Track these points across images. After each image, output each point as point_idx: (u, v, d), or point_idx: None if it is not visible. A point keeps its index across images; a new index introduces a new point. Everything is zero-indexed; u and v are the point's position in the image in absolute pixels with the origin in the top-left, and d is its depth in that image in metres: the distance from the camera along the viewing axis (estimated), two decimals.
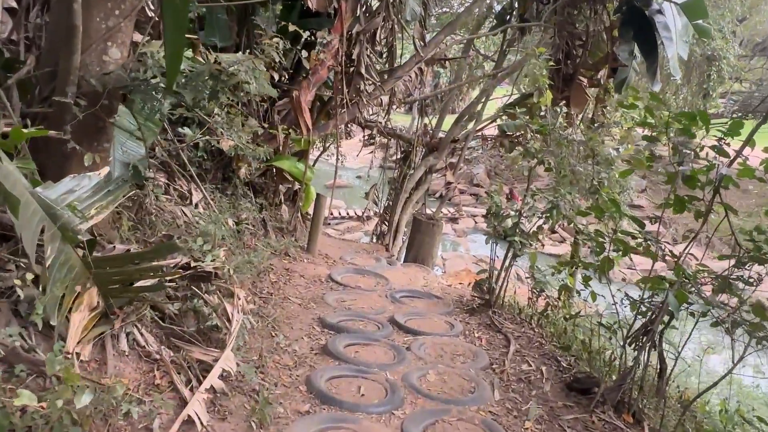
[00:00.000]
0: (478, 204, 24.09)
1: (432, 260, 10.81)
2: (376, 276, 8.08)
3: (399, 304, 7.05)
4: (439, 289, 8.56)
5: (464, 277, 10.67)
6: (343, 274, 7.90)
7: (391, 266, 9.65)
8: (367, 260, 9.70)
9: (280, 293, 6.70)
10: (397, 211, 14.93)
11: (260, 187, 8.32)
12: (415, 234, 10.80)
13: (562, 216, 6.87)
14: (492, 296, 7.26)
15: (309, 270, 7.81)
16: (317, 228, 8.58)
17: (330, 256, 9.29)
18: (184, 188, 6.44)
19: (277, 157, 8.04)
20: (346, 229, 21.54)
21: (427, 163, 14.62)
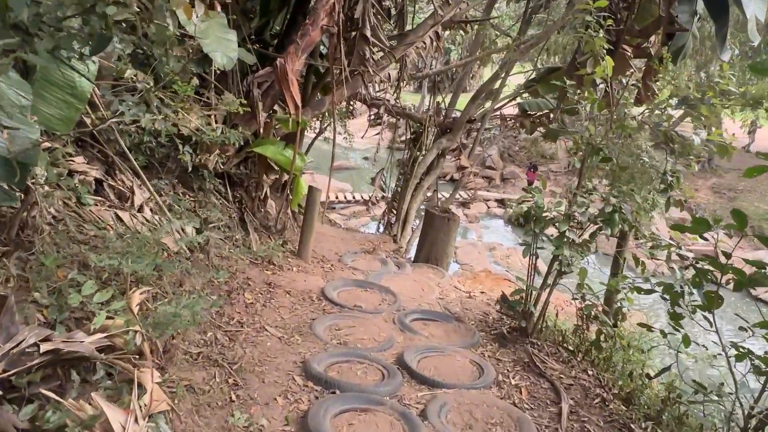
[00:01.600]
0: (490, 188, 22.19)
1: (447, 260, 9.04)
2: (381, 290, 6.31)
3: (410, 333, 5.29)
4: (457, 302, 6.79)
5: (484, 279, 8.95)
6: (340, 288, 6.14)
7: (400, 270, 7.88)
8: (371, 263, 7.93)
9: (256, 321, 4.96)
10: (406, 199, 13.11)
11: (239, 179, 6.53)
12: (428, 230, 9.00)
13: (626, 222, 5.05)
14: (529, 323, 5.49)
15: (298, 282, 6.06)
16: (310, 227, 6.82)
17: (326, 259, 7.53)
18: (127, 185, 4.67)
19: (259, 141, 6.24)
20: (352, 214, 19.78)
21: (440, 145, 12.76)
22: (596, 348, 5.30)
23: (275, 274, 6.02)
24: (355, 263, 7.77)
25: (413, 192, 13.14)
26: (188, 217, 5.19)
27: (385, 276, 7.19)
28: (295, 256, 6.79)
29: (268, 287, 5.67)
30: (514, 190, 21.75)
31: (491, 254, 17.20)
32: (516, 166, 22.84)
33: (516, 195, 21.50)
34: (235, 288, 5.32)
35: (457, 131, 12.73)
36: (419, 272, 8.42)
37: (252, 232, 6.27)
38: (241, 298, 5.24)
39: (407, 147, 13.49)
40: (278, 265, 6.25)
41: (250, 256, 6.05)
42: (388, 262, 7.87)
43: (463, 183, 13.48)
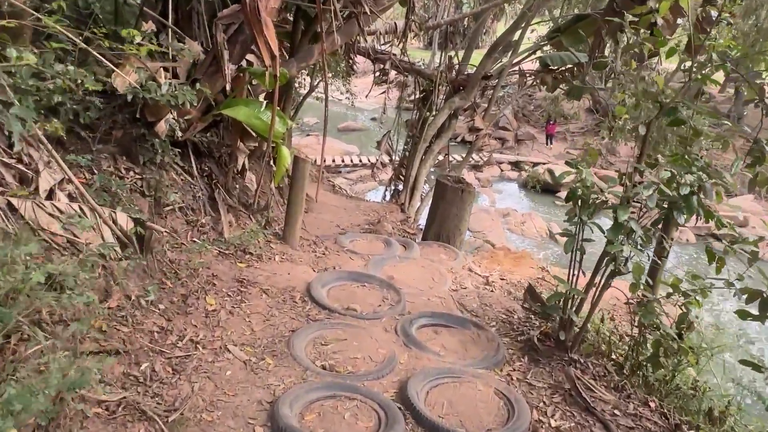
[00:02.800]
0: (504, 149, 20.66)
1: (460, 237, 7.73)
2: (382, 286, 5.04)
3: (416, 349, 4.04)
4: (474, 294, 5.52)
5: (503, 259, 7.67)
6: (331, 284, 4.88)
7: (407, 252, 6.61)
8: (372, 245, 6.65)
9: (216, 337, 3.73)
10: (414, 164, 11.73)
11: (207, 149, 5.20)
12: (439, 203, 7.67)
13: (702, 208, 3.70)
14: (568, 333, 4.21)
15: (280, 277, 4.80)
16: (297, 206, 5.52)
17: (320, 241, 6.25)
18: (35, 162, 3.38)
19: (229, 102, 4.89)
20: (359, 178, 18.44)
21: (452, 104, 11.29)
22: (653, 364, 4.03)
23: (251, 267, 4.77)
24: (353, 245, 6.50)
25: (422, 156, 11.76)
26: (129, 202, 3.91)
27: (389, 262, 5.92)
28: (280, 241, 5.52)
29: (239, 286, 4.41)
30: (529, 152, 20.22)
31: (505, 221, 15.90)
32: (531, 126, 21.21)
33: (531, 157, 19.99)
34: (194, 290, 4.08)
35: (471, 89, 11.24)
36: (429, 253, 7.14)
37: (224, 214, 4.99)
38: (200, 303, 4.00)
39: (416, 107, 12.02)
40: (256, 254, 4.98)
41: (220, 245, 4.78)
42: (392, 244, 6.58)
43: (477, 146, 12.04)
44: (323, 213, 10.80)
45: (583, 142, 19.68)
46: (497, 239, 14.60)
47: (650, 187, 3.61)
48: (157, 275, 3.91)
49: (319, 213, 10.80)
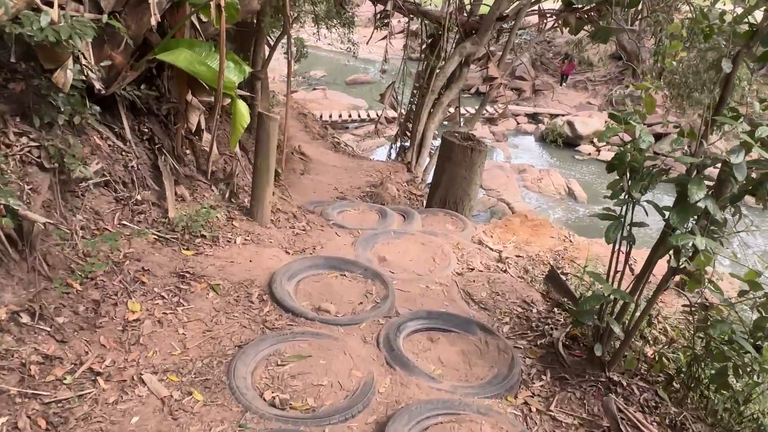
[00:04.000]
0: (520, 101, 19.10)
1: (470, 203, 6.58)
2: (367, 276, 3.93)
3: (401, 370, 2.97)
4: (483, 280, 4.41)
5: (519, 227, 6.51)
6: (301, 274, 3.80)
7: (406, 223, 5.52)
8: (364, 216, 5.55)
9: (130, 362, 2.71)
10: (422, 118, 10.44)
11: (146, 106, 4.05)
12: (445, 164, 6.48)
13: None
14: (605, 347, 3.10)
15: (238, 266, 3.74)
16: (266, 173, 4.40)
17: (299, 216, 5.14)
18: None
19: (167, 44, 3.71)
20: (366, 134, 17.16)
21: (463, 51, 9.89)
22: (719, 386, 2.92)
23: (201, 255, 3.70)
24: (342, 217, 5.40)
25: (431, 110, 10.45)
26: (21, 178, 2.83)
27: (382, 239, 4.82)
28: (247, 217, 4.43)
29: (178, 282, 3.36)
30: (548, 103, 18.65)
31: (521, 177, 14.63)
32: (550, 75, 19.54)
33: (549, 109, 18.45)
34: (112, 293, 3.04)
35: (484, 33, 9.82)
36: (433, 223, 6.03)
37: (170, 186, 3.89)
38: (119, 311, 2.97)
39: (423, 54, 10.64)
40: (210, 236, 3.90)
41: (161, 227, 3.71)
42: (388, 214, 5.46)
43: (491, 97, 10.69)
44: (321, 174, 9.68)
45: (606, 90, 18.05)
46: (512, 197, 13.39)
47: (738, 151, 2.41)
48: (58, 277, 2.87)
49: (316, 174, 9.69)
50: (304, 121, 13.22)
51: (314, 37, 17.26)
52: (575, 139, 16.36)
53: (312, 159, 9.93)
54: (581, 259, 6.01)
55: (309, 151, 10.45)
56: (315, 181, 9.00)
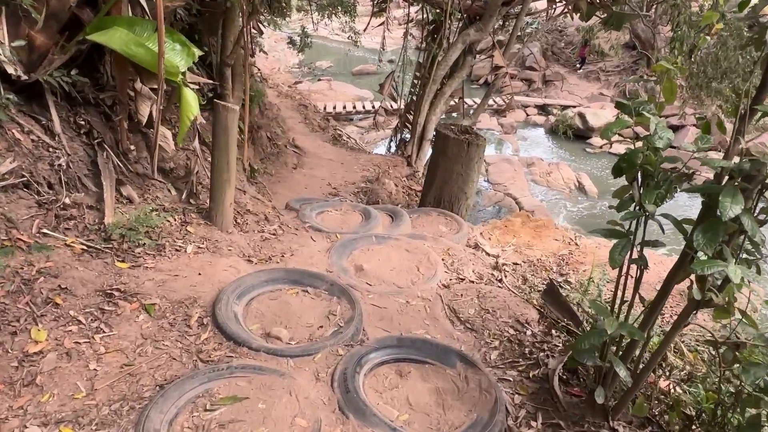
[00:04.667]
0: (530, 91, 18.32)
1: (466, 202, 5.96)
2: (332, 292, 3.33)
3: (357, 420, 2.38)
4: (473, 294, 3.82)
5: (520, 229, 5.86)
6: (256, 291, 3.22)
7: (393, 225, 4.94)
8: (346, 218, 4.96)
9: (17, 409, 2.17)
10: (422, 109, 9.81)
11: (82, 95, 3.48)
12: (439, 158, 5.86)
13: None
14: (608, 391, 2.49)
15: (183, 280, 3.18)
16: (224, 172, 3.82)
17: (272, 218, 4.56)
18: None
19: (100, 22, 3.14)
20: (371, 126, 16.54)
21: (466, 38, 9.23)
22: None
23: (138, 268, 3.15)
24: (321, 219, 4.82)
25: (432, 100, 9.82)
26: None
27: (361, 245, 4.24)
28: (206, 221, 3.87)
29: (103, 302, 2.82)
30: (558, 94, 17.84)
31: (529, 171, 13.93)
32: (561, 66, 18.69)
33: (559, 100, 17.65)
34: (14, 319, 2.50)
35: (490, 19, 9.13)
36: (424, 224, 5.44)
37: (109, 187, 3.34)
38: (18, 341, 2.43)
39: (424, 42, 9.98)
40: (154, 245, 3.35)
41: (93, 236, 3.16)
42: (372, 216, 4.86)
43: (496, 88, 10.02)
44: (315, 169, 9.11)
45: (619, 80, 17.19)
46: (520, 192, 12.72)
47: None
48: None
49: (310, 169, 9.12)
50: (305, 113, 12.64)
51: (320, 26, 16.67)
52: (586, 131, 15.58)
53: (307, 152, 9.37)
54: (587, 264, 5.39)
55: (305, 143, 9.88)
56: (308, 175, 8.44)
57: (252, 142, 7.76)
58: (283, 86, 16.82)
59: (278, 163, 8.39)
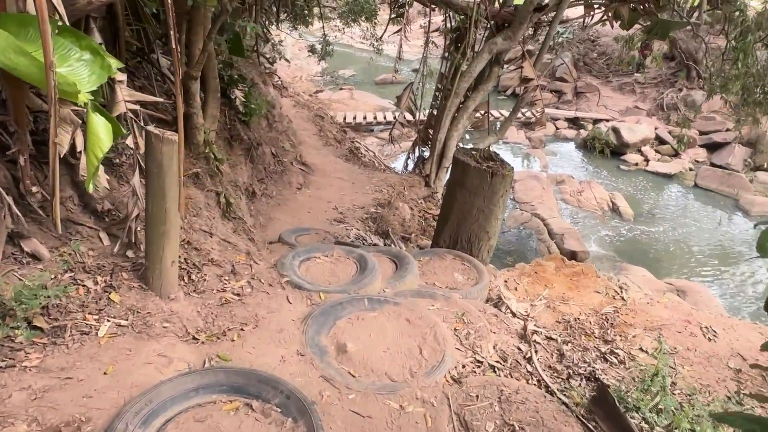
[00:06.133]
0: (560, 104, 17.01)
1: (488, 243, 4.82)
2: (287, 406, 2.24)
3: None
4: (494, 389, 2.72)
5: (553, 276, 4.65)
6: (175, 405, 2.16)
7: (396, 278, 3.87)
8: (338, 268, 3.88)
9: None
10: (443, 125, 8.70)
11: None
12: (456, 191, 4.75)
13: None
14: None
15: (78, 385, 2.17)
16: (162, 222, 2.78)
17: (240, 270, 3.52)
18: None
19: None
20: (388, 141, 15.50)
21: (493, 48, 8.11)
22: None
23: (11, 370, 2.14)
24: (305, 269, 3.77)
25: (454, 114, 8.72)
26: None
27: (349, 311, 3.19)
28: (140, 284, 2.85)
29: None
30: (590, 107, 16.49)
31: (558, 189, 12.68)
32: (593, 77, 17.31)
33: (591, 113, 16.29)
34: None
35: (519, 27, 7.99)
36: (436, 272, 4.36)
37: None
38: None
39: (447, 51, 8.88)
40: (49, 329, 2.34)
41: None
42: (368, 266, 3.77)
43: (525, 100, 8.85)
44: (322, 189, 8.08)
45: (656, 93, 15.77)
46: (548, 212, 11.48)
47: None
48: None
49: (317, 189, 8.09)
50: (320, 125, 11.66)
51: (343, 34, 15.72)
52: (621, 147, 14.22)
53: (316, 170, 8.37)
54: (638, 327, 4.23)
55: (315, 159, 8.89)
56: (314, 197, 7.44)
57: (251, 161, 6.79)
58: (303, 95, 15.92)
59: (281, 183, 7.41)
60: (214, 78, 4.05)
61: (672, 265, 10.46)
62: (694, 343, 4.08)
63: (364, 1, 11.43)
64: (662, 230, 11.44)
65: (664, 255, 10.74)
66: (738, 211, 12.24)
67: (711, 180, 12.89)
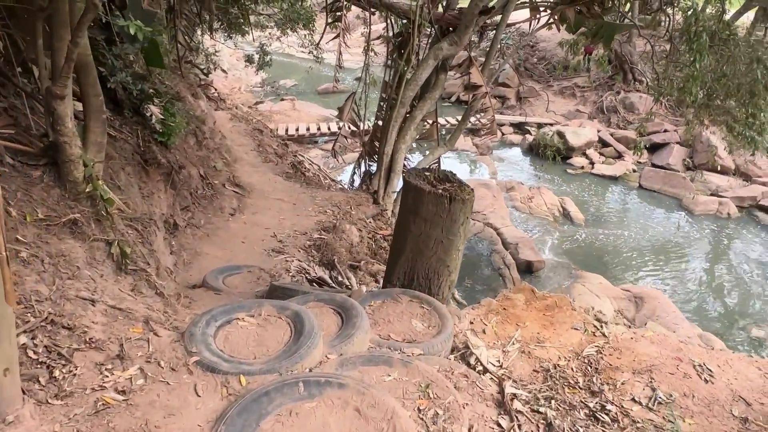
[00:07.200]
0: (504, 109, 16.65)
1: (449, 278, 4.04)
2: None
3: None
4: None
5: (524, 313, 3.92)
6: None
7: (342, 339, 3.02)
8: (266, 334, 2.97)
9: None
10: (390, 137, 7.91)
11: None
12: (410, 219, 3.94)
13: None
14: None
15: None
16: None
17: (129, 354, 2.57)
18: None
19: None
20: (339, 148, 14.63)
21: (438, 53, 7.41)
22: None
23: None
24: (223, 337, 2.85)
25: (401, 125, 7.98)
26: None
27: (280, 401, 2.32)
28: None
29: None
30: (534, 111, 16.21)
31: (509, 197, 12.19)
32: (535, 81, 17.08)
33: (535, 118, 16.01)
34: None
35: (464, 31, 7.33)
36: (391, 319, 3.55)
37: None
38: None
39: (390, 58, 8.13)
40: None
41: None
42: (306, 329, 2.89)
43: (475, 109, 8.21)
44: (260, 213, 7.11)
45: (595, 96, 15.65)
46: (500, 221, 10.93)
47: None
48: None
49: (254, 213, 7.11)
50: (259, 139, 10.65)
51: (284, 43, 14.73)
52: (567, 150, 13.95)
53: (252, 191, 7.39)
54: (625, 370, 3.57)
55: (252, 179, 7.91)
56: (249, 223, 6.48)
57: (172, 187, 5.77)
58: (242, 107, 14.81)
59: (211, 209, 6.40)
60: (96, 96, 3.08)
61: (625, 269, 10.12)
62: (690, 387, 3.44)
63: (300, 8, 10.56)
64: (613, 233, 11.13)
65: (616, 259, 10.39)
66: (681, 211, 12.13)
67: (654, 181, 12.76)
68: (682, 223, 11.76)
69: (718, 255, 10.75)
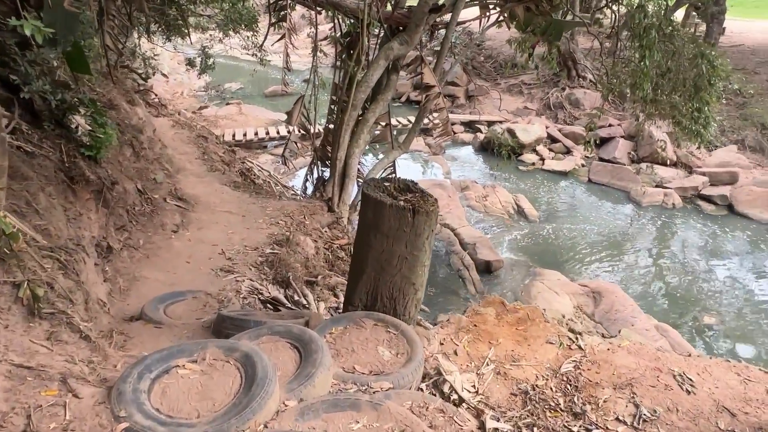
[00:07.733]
0: (454, 108, 16.54)
1: (415, 296, 3.69)
2: None
3: None
4: None
5: (495, 327, 3.61)
6: None
7: (301, 381, 2.60)
8: (213, 383, 2.51)
9: None
10: (342, 141, 7.49)
11: None
12: (369, 236, 3.56)
13: None
14: None
15: None
16: None
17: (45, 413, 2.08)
18: None
19: None
20: (290, 153, 14.07)
21: (389, 53, 7.06)
22: None
23: None
24: (160, 392, 2.38)
25: (354, 129, 7.59)
26: None
27: None
28: None
29: None
30: (483, 109, 16.18)
31: (464, 196, 12.03)
32: (483, 80, 17.07)
33: (485, 116, 15.97)
34: None
35: (415, 30, 7.02)
36: (354, 348, 3.18)
37: None
38: None
39: (339, 59, 7.72)
40: None
41: None
42: (258, 376, 2.47)
43: (429, 109, 7.92)
44: (206, 228, 6.54)
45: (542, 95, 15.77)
46: (457, 221, 10.73)
47: None
48: None
49: (199, 228, 6.54)
50: (204, 146, 9.98)
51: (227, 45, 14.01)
52: (518, 147, 13.95)
53: (197, 204, 6.82)
54: (605, 385, 3.34)
55: (197, 190, 7.32)
56: (194, 240, 5.92)
57: (104, 205, 5.16)
58: (185, 113, 14.01)
59: (151, 227, 5.81)
60: None
61: (581, 264, 10.13)
62: (673, 400, 3.25)
63: (242, 8, 9.98)
64: (566, 228, 11.16)
65: (571, 254, 10.40)
66: (630, 203, 12.33)
67: (603, 175, 12.94)
68: (630, 213, 11.96)
69: (666, 245, 10.96)
